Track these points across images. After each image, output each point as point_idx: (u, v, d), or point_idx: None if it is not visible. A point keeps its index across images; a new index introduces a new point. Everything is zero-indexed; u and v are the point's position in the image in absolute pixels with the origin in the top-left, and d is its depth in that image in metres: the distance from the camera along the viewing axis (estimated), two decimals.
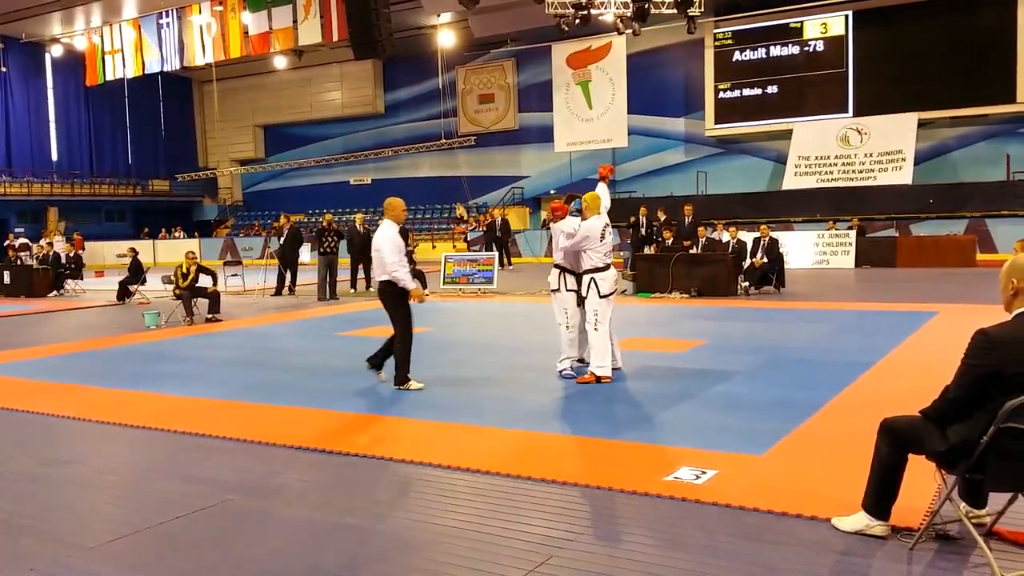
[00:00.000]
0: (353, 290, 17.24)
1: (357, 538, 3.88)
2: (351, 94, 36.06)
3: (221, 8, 25.91)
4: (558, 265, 7.56)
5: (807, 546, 3.58)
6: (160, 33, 27.36)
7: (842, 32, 25.94)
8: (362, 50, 22.39)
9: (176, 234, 35.65)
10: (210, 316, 12.95)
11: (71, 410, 6.77)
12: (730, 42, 27.57)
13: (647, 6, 21.97)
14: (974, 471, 3.27)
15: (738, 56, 27.46)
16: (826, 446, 5.11)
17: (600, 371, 7.19)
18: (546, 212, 7.39)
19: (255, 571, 3.56)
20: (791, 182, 25.56)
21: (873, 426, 3.67)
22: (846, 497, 3.87)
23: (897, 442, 3.52)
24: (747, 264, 14.94)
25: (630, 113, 28.78)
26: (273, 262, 17.68)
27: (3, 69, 32.97)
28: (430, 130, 33.55)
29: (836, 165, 25.21)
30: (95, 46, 29.16)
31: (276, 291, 17.09)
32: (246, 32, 25.91)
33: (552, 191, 29.01)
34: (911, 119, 24.38)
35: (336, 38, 24.22)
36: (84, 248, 20.84)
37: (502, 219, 25.11)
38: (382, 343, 7.43)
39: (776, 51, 26.90)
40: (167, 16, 27.11)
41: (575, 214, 7.70)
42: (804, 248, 20.57)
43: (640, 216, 18.80)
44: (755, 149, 28.24)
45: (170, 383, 7.82)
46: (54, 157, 35.30)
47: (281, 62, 33.37)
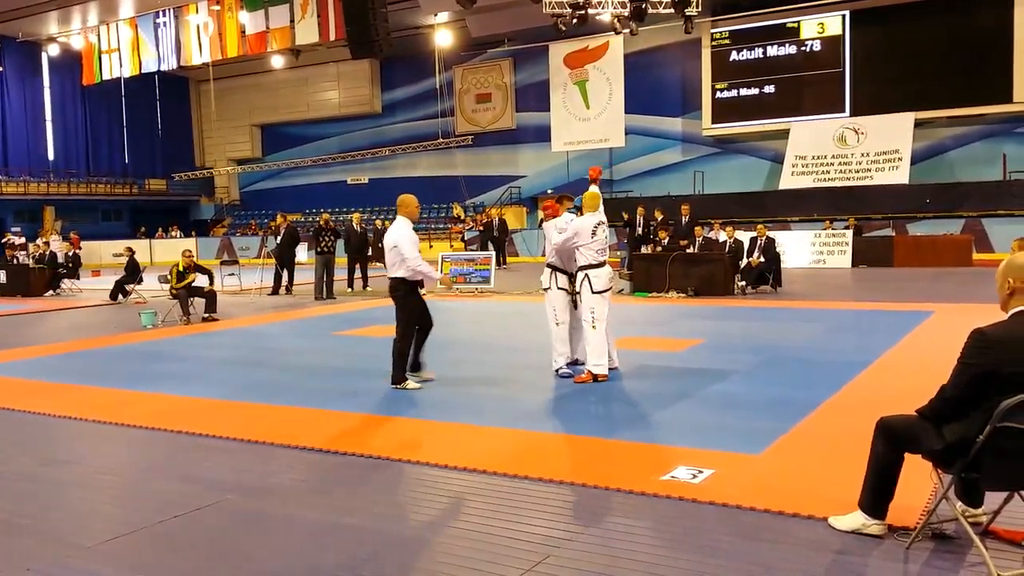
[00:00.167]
0: (350, 289, 17.24)
1: (355, 538, 3.88)
2: (348, 93, 36.01)
3: (218, 7, 25.89)
4: (550, 264, 7.66)
5: (804, 545, 3.59)
6: (157, 32, 27.33)
7: (839, 32, 25.95)
8: (359, 49, 22.40)
9: (173, 233, 35.54)
10: (207, 316, 12.94)
11: (69, 410, 6.77)
12: (727, 42, 27.56)
13: (644, 6, 21.99)
14: (970, 470, 3.28)
15: (735, 56, 27.46)
16: (823, 445, 5.12)
17: (597, 369, 7.20)
18: (541, 212, 7.53)
19: (253, 571, 3.57)
20: (788, 182, 25.58)
21: (870, 425, 3.69)
22: (843, 496, 3.88)
23: (893, 441, 3.53)
24: (744, 263, 14.98)
25: (627, 113, 28.76)
26: (270, 261, 17.67)
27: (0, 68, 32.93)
28: (427, 130, 33.54)
29: (833, 165, 25.23)
30: (92, 45, 29.12)
31: (273, 290, 17.10)
32: (243, 31, 25.89)
33: (549, 191, 28.99)
34: (908, 119, 24.39)
35: (333, 37, 24.21)
36: (81, 247, 20.76)
37: (500, 219, 25.11)
38: (412, 350, 7.40)
39: (773, 51, 26.91)
40: (164, 15, 27.08)
41: (572, 211, 7.74)
42: (801, 247, 20.60)
43: (636, 215, 18.81)
44: (752, 149, 28.26)
45: (168, 383, 7.81)
46: (51, 156, 35.19)
47: (278, 61, 33.29)
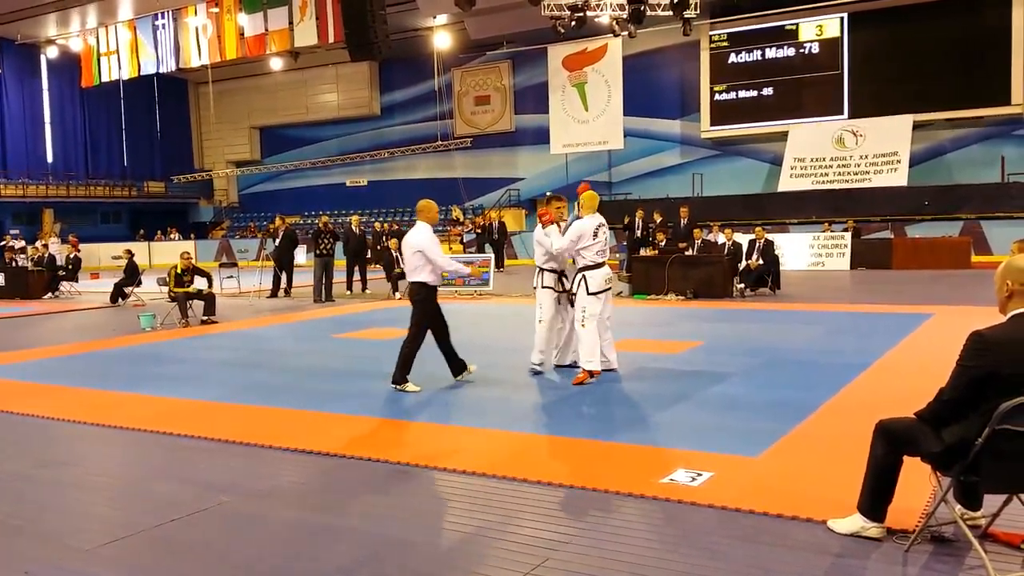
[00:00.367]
0: (349, 292, 17.24)
1: (354, 540, 3.87)
2: (347, 96, 36.01)
3: (217, 10, 25.87)
4: (540, 266, 7.83)
5: (803, 548, 3.58)
6: (156, 35, 27.30)
7: (837, 34, 25.99)
8: (358, 52, 22.38)
9: (172, 236, 35.51)
10: (205, 318, 12.93)
11: (67, 412, 6.75)
12: (726, 44, 27.59)
13: (643, 8, 22.00)
14: (969, 473, 3.28)
15: (734, 58, 27.50)
16: (822, 448, 5.12)
17: (589, 365, 7.24)
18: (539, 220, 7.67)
19: (251, 573, 3.56)
20: (787, 184, 25.60)
21: (869, 428, 3.68)
22: (842, 499, 3.87)
23: (892, 444, 3.52)
24: (743, 266, 14.98)
25: (626, 115, 28.79)
26: (269, 264, 17.66)
27: None
28: (426, 132, 33.53)
29: (832, 167, 25.26)
30: (91, 48, 29.08)
31: (272, 293, 17.10)
32: (242, 34, 25.85)
33: (548, 193, 28.97)
34: (906, 121, 24.42)
35: (332, 40, 24.17)
36: (80, 249, 20.73)
37: (499, 221, 25.11)
38: (443, 354, 7.42)
39: (772, 53, 26.94)
40: (163, 18, 27.05)
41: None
42: (800, 250, 20.60)
43: (636, 218, 18.82)
44: (751, 151, 28.27)
45: (166, 385, 7.80)
46: (49, 159, 35.16)
47: (277, 64, 33.29)
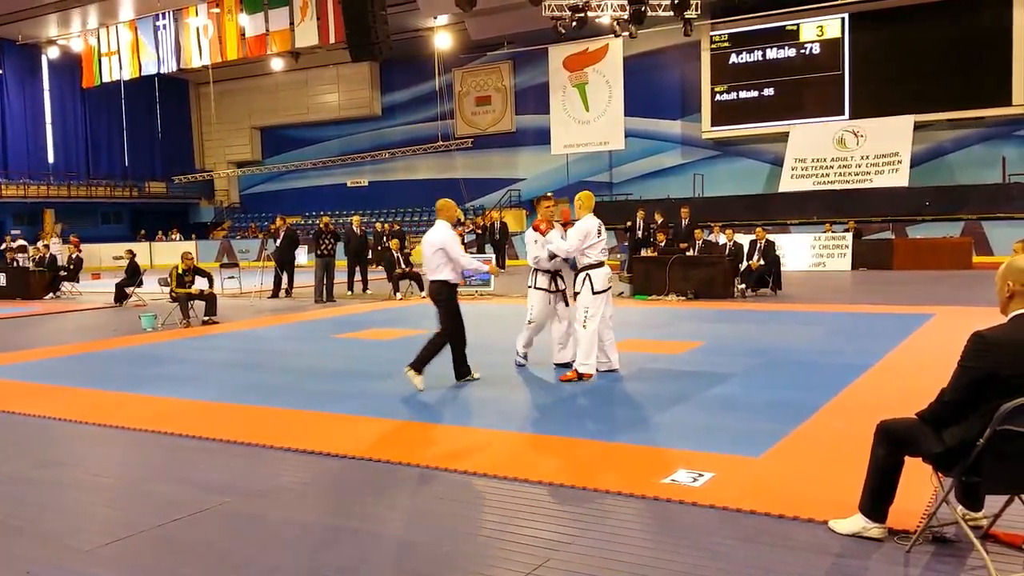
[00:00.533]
0: (350, 292, 17.24)
1: (355, 540, 3.87)
2: (348, 96, 36.02)
3: (218, 10, 25.89)
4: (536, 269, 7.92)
5: (804, 548, 3.58)
6: (157, 35, 27.32)
7: (838, 35, 25.98)
8: (359, 52, 22.39)
9: (173, 236, 35.51)
10: (207, 318, 12.93)
11: (67, 412, 6.75)
12: (726, 44, 27.59)
13: (643, 8, 22.00)
14: (970, 473, 3.28)
15: (734, 59, 27.49)
16: (823, 448, 5.11)
17: (583, 368, 7.23)
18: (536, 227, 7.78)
19: (252, 573, 3.56)
20: (787, 184, 25.59)
21: (870, 428, 3.68)
22: (843, 499, 3.87)
23: (893, 444, 3.52)
24: (744, 266, 14.97)
25: (627, 115, 28.79)
26: (270, 264, 17.67)
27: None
28: (427, 132, 33.52)
29: (832, 167, 25.24)
30: (91, 48, 29.11)
31: (273, 293, 17.09)
32: (243, 34, 25.87)
33: (548, 194, 28.91)
34: (907, 121, 24.40)
35: (333, 40, 24.19)
36: (81, 250, 20.73)
37: (500, 222, 25.11)
38: (453, 355, 7.40)
39: (772, 54, 26.93)
40: (164, 18, 27.08)
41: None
42: (800, 250, 20.61)
43: (637, 219, 18.82)
44: (752, 151, 28.26)
45: (167, 385, 7.80)
46: (50, 159, 35.19)
47: (278, 64, 33.29)
